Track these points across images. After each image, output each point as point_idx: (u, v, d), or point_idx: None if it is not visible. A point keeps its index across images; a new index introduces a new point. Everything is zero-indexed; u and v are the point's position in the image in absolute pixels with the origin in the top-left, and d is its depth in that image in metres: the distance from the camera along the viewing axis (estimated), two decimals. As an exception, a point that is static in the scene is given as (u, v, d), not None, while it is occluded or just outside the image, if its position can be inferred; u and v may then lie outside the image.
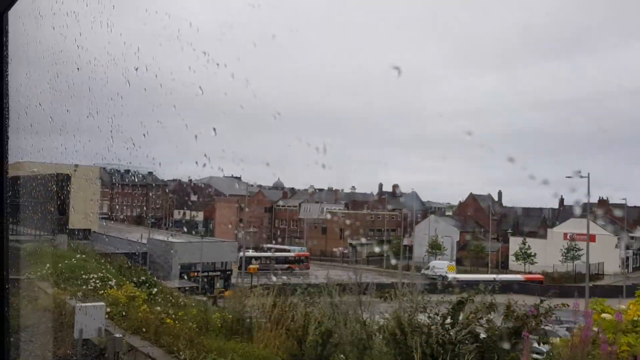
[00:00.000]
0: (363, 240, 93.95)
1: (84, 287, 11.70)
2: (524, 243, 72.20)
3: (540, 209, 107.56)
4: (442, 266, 68.88)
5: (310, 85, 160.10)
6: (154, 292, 12.26)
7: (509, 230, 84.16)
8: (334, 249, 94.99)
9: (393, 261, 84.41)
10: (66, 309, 9.81)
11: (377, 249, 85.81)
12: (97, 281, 12.00)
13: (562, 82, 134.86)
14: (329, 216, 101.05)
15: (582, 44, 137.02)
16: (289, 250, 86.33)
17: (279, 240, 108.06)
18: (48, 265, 12.69)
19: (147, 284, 16.43)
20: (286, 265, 69.62)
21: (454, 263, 71.38)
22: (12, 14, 2.00)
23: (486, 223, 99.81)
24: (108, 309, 9.16)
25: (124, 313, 8.52)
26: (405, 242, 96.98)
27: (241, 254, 52.62)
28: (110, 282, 12.17)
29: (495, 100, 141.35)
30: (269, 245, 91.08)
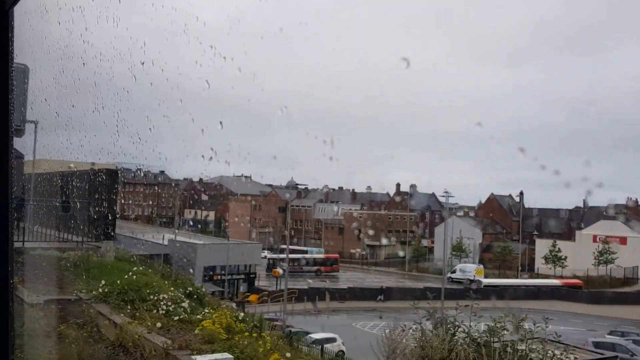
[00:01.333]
0: (382, 241, 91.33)
1: (155, 311, 9.23)
2: (554, 246, 69.39)
3: (557, 210, 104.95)
4: (470, 269, 66.30)
5: (315, 82, 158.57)
6: (240, 317, 9.75)
7: (534, 232, 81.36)
8: (352, 250, 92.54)
9: (403, 256, 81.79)
10: (146, 346, 7.34)
11: (398, 251, 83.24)
12: (169, 303, 9.52)
13: (572, 79, 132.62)
14: (345, 216, 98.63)
15: (592, 40, 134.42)
16: (306, 252, 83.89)
17: (294, 240, 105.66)
18: (103, 282, 10.21)
19: (195, 297, 13.99)
20: (315, 268, 66.90)
21: (482, 266, 68.69)
22: (18, 9, 1.94)
23: (507, 224, 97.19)
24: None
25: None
26: (424, 243, 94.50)
27: (278, 254, 49.76)
28: (183, 305, 9.71)
29: (503, 97, 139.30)
30: (285, 246, 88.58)
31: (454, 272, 68.50)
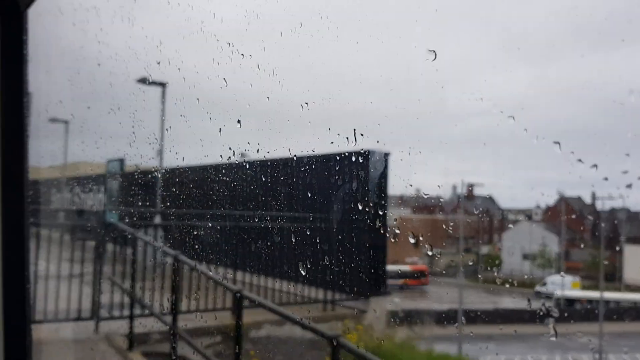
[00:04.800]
0: (442, 249, 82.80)
1: None
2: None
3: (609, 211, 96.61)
4: (565, 282, 57.64)
5: (337, 79, 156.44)
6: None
7: (622, 238, 72.17)
8: (407, 259, 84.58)
9: (473, 265, 73.65)
10: None
11: (465, 261, 74.72)
12: None
13: (610, 72, 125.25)
14: (397, 221, 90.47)
15: (631, 31, 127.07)
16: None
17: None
18: None
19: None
20: (400, 281, 57.81)
21: (578, 279, 59.79)
22: (32, 11, 1.96)
23: (579, 229, 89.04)
24: None
25: None
26: (485, 250, 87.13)
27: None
28: None
29: (535, 95, 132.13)
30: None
31: (544, 285, 59.84)
